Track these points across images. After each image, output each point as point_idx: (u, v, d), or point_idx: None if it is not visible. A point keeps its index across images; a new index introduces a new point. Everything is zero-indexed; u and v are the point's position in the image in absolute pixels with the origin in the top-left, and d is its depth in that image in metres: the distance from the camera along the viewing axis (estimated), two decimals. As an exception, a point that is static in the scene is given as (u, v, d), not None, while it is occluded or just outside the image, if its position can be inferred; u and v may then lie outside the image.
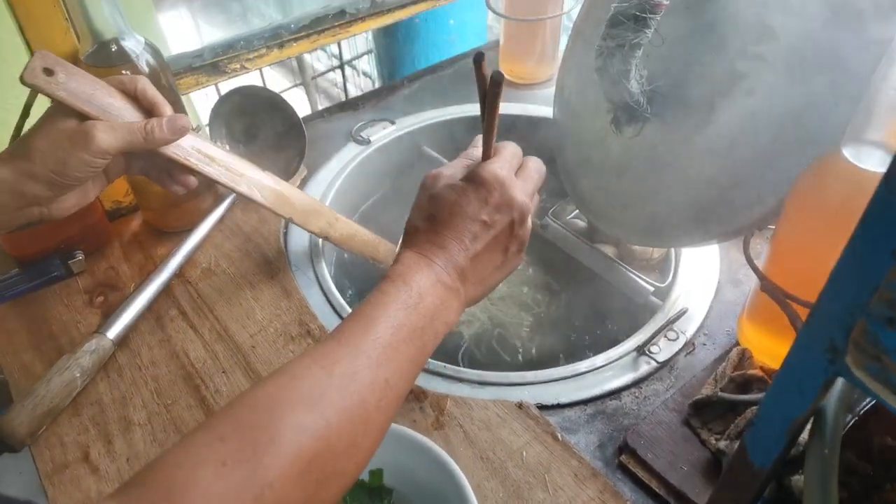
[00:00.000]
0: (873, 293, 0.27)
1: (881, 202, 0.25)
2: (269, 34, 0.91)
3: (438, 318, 0.49)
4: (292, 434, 0.39)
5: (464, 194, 0.52)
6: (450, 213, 0.52)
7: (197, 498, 0.35)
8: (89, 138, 0.53)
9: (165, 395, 0.66)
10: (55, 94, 0.54)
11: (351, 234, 0.79)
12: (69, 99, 0.54)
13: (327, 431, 0.40)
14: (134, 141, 0.56)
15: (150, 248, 0.82)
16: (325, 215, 0.77)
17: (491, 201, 0.52)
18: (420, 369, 0.49)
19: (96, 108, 0.55)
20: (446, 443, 0.61)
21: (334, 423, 0.41)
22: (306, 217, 0.75)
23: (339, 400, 0.42)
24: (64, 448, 0.63)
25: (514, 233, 0.54)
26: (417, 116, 1.02)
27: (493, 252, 0.53)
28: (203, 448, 0.37)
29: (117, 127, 0.55)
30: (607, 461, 0.60)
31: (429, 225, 0.53)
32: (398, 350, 0.46)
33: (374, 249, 0.80)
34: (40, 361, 0.70)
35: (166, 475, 0.36)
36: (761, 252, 0.77)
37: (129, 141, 0.55)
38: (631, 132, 0.69)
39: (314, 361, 0.43)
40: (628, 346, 0.69)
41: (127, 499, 0.36)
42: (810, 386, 0.33)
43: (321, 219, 0.76)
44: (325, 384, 0.42)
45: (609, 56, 0.66)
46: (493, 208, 0.52)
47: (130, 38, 0.68)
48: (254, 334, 0.71)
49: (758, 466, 0.40)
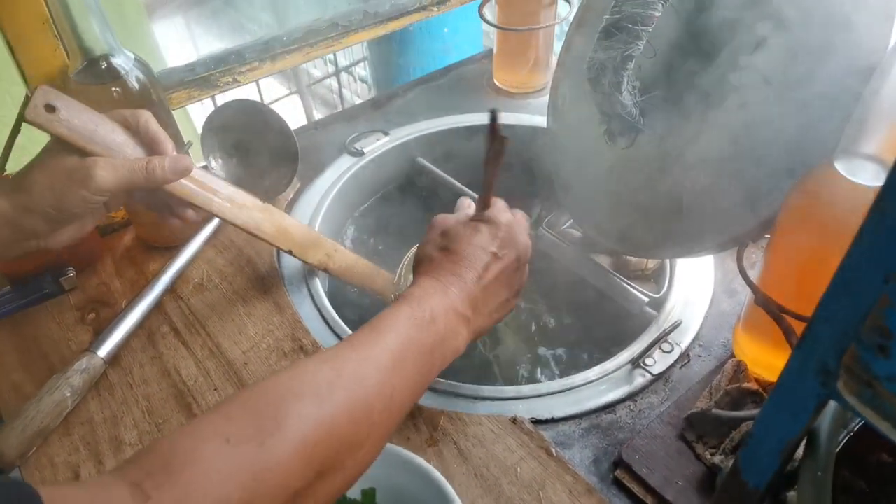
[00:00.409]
0: (865, 318, 0.27)
1: (872, 227, 0.25)
2: (261, 47, 0.91)
3: (447, 343, 0.52)
4: (298, 422, 0.40)
5: (476, 230, 0.57)
6: (464, 245, 0.56)
7: (196, 470, 0.36)
8: (89, 176, 0.53)
9: (157, 414, 0.66)
10: (57, 131, 0.54)
11: (350, 264, 0.78)
12: (70, 136, 0.54)
13: (331, 425, 0.41)
14: (134, 179, 0.56)
15: (142, 264, 0.82)
16: (324, 247, 0.77)
17: (500, 236, 0.57)
18: (424, 389, 0.51)
19: (98, 145, 0.55)
20: (440, 460, 0.60)
21: (339, 419, 0.42)
22: (305, 249, 0.75)
23: (345, 398, 0.43)
24: (54, 469, 0.62)
25: (518, 269, 0.59)
26: (411, 127, 1.01)
27: (500, 286, 0.57)
28: (209, 425, 0.39)
29: (118, 165, 0.55)
30: (602, 476, 0.59)
31: (444, 255, 0.56)
32: (406, 362, 0.48)
33: (372, 280, 0.79)
34: (31, 381, 0.69)
35: (170, 446, 0.38)
36: (756, 262, 0.77)
37: (129, 179, 0.56)
38: (624, 143, 0.69)
39: (325, 362, 0.45)
40: (623, 359, 0.68)
41: (128, 465, 0.37)
42: (803, 408, 0.32)
43: (320, 251, 0.76)
44: (333, 382, 0.43)
45: (601, 68, 0.65)
46: (502, 243, 0.57)
47: (120, 55, 0.68)
48: (246, 351, 0.71)
49: (752, 486, 0.40)
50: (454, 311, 0.52)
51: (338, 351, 0.46)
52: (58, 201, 0.54)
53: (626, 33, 0.61)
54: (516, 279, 0.59)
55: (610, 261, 0.84)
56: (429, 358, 0.50)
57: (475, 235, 0.57)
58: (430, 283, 0.54)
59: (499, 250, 0.56)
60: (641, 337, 0.71)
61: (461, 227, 0.58)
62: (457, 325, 0.53)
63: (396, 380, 0.46)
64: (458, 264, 0.55)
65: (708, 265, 0.78)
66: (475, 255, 0.55)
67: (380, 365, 0.46)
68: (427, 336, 0.50)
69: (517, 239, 0.58)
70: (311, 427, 0.40)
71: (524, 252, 0.59)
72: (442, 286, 0.53)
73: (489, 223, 0.58)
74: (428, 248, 0.58)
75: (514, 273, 0.58)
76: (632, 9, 0.61)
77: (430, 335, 0.50)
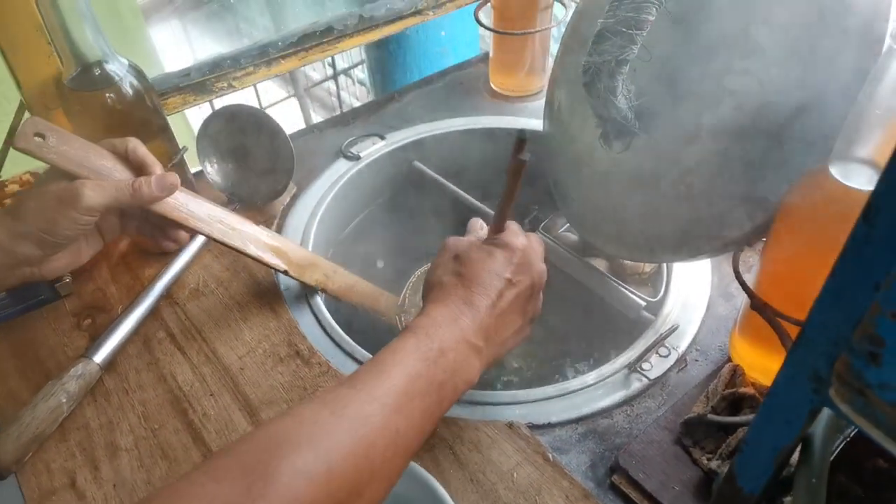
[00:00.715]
0: (856, 326, 0.27)
1: (862, 235, 0.25)
2: (256, 52, 0.91)
3: (459, 375, 0.49)
4: (290, 478, 0.37)
5: (490, 254, 0.55)
6: (478, 270, 0.54)
7: None
8: (77, 196, 0.55)
9: (153, 420, 0.66)
10: (46, 157, 0.55)
11: (350, 285, 0.78)
12: (60, 161, 0.55)
13: (328, 477, 0.39)
14: (121, 198, 0.57)
15: (138, 269, 0.81)
16: (321, 268, 0.76)
17: (515, 261, 0.55)
18: (434, 426, 0.48)
19: (87, 170, 0.56)
20: (436, 465, 0.60)
21: (337, 469, 0.39)
22: (302, 270, 0.74)
23: (345, 444, 0.40)
24: (50, 474, 0.62)
25: (532, 296, 0.57)
26: (408, 131, 1.01)
27: (514, 314, 0.55)
28: (196, 488, 0.36)
29: (105, 185, 0.56)
30: (599, 482, 0.59)
31: (456, 280, 0.54)
32: (413, 400, 0.45)
33: (375, 300, 0.78)
34: (26, 387, 0.69)
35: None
36: (752, 265, 0.77)
37: (116, 198, 0.57)
38: (620, 147, 0.69)
39: (324, 405, 0.42)
40: (620, 364, 0.68)
41: None
42: (796, 415, 0.32)
43: (318, 271, 0.76)
44: (332, 427, 0.41)
45: (596, 72, 0.65)
46: (517, 268, 0.55)
47: (114, 61, 0.68)
48: (242, 356, 0.71)
49: (747, 492, 0.40)
50: (465, 342, 0.50)
51: (339, 392, 0.44)
52: (48, 224, 0.55)
53: (620, 37, 0.61)
54: (531, 306, 0.57)
55: (606, 264, 0.84)
56: (437, 394, 0.47)
57: (489, 260, 0.54)
58: (441, 311, 0.51)
59: (513, 276, 0.54)
60: (638, 341, 0.71)
61: (474, 251, 0.56)
62: (468, 356, 0.50)
63: (401, 420, 0.44)
64: (471, 290, 0.53)
65: (704, 269, 0.78)
66: (489, 281, 0.53)
67: (384, 406, 0.43)
68: (436, 371, 0.47)
69: (533, 265, 0.56)
70: (304, 483, 0.38)
71: (539, 278, 0.57)
72: (453, 315, 0.51)
73: (504, 248, 0.55)
74: (439, 272, 0.56)
75: (528, 300, 0.56)
76: (626, 13, 0.61)
77: (440, 370, 0.48)
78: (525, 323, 0.57)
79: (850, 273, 0.26)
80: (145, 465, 0.62)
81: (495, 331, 0.53)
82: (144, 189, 0.58)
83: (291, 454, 0.38)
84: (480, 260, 0.55)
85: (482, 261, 0.54)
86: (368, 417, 0.42)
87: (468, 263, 0.55)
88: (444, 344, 0.49)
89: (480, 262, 0.54)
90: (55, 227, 0.55)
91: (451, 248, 0.57)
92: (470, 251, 0.56)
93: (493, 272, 0.54)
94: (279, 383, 0.68)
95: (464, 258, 0.55)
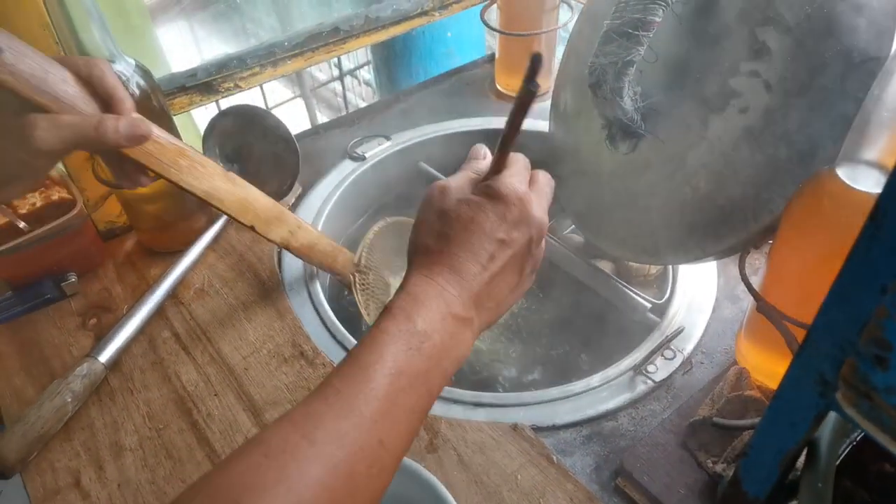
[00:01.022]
0: (863, 329, 0.26)
1: (868, 238, 0.25)
2: (262, 52, 0.91)
3: (447, 357, 0.44)
4: None
5: (480, 210, 0.47)
6: (465, 231, 0.47)
7: None
8: (27, 136, 0.46)
9: (157, 420, 0.66)
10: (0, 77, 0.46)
11: (311, 242, 0.74)
12: (16, 84, 0.46)
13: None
14: (81, 140, 0.48)
15: (144, 269, 0.82)
16: (287, 222, 0.72)
17: (509, 217, 0.47)
18: (423, 420, 0.44)
19: (46, 96, 0.47)
20: (440, 466, 0.60)
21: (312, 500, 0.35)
22: (268, 225, 0.70)
23: (320, 474, 0.36)
24: (55, 474, 0.62)
25: (530, 252, 0.49)
26: (414, 131, 1.01)
27: (509, 273, 0.48)
28: None
29: (62, 123, 0.47)
30: (603, 484, 0.59)
31: (441, 244, 0.47)
32: (396, 402, 0.40)
33: (333, 259, 0.75)
34: (32, 386, 0.69)
35: None
36: (759, 268, 0.76)
37: (73, 140, 0.48)
38: (625, 148, 0.69)
39: (294, 428, 0.37)
40: (625, 366, 0.68)
41: None
42: (802, 419, 0.32)
43: (283, 227, 0.71)
44: (304, 455, 0.36)
45: (602, 73, 0.65)
46: (511, 225, 0.47)
47: (121, 61, 0.68)
48: (246, 356, 0.71)
49: (752, 496, 0.39)
50: (452, 318, 0.44)
51: (310, 408, 0.39)
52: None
53: (627, 38, 0.61)
54: (529, 262, 0.50)
55: (612, 266, 0.83)
56: (424, 385, 0.42)
57: (479, 218, 0.47)
58: (422, 286, 0.45)
59: (507, 235, 0.47)
60: (643, 343, 0.71)
61: (463, 206, 0.47)
62: (457, 331, 0.45)
63: (384, 428, 0.39)
64: (457, 256, 0.46)
65: (710, 271, 0.78)
66: (478, 243, 0.46)
67: (363, 416, 0.38)
68: (420, 359, 0.42)
69: (531, 216, 0.48)
70: None
71: (539, 230, 0.49)
72: (437, 289, 0.45)
73: (498, 200, 0.47)
74: (422, 232, 0.48)
75: (525, 256, 0.49)
76: (633, 14, 0.60)
77: (424, 357, 0.42)
78: (523, 279, 0.50)
79: (857, 276, 0.26)
80: (150, 464, 0.62)
81: (487, 295, 0.47)
82: (110, 134, 0.49)
83: (257, 499, 0.34)
84: (469, 220, 0.47)
85: (471, 220, 0.47)
86: (346, 436, 0.37)
87: (455, 223, 0.47)
88: (427, 325, 0.43)
89: (469, 221, 0.47)
90: (4, 168, 0.47)
91: (436, 201, 0.49)
92: (458, 207, 0.47)
93: (482, 233, 0.47)
94: (283, 384, 0.68)
95: (451, 216, 0.47)
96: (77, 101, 0.49)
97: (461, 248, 0.46)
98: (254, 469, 0.35)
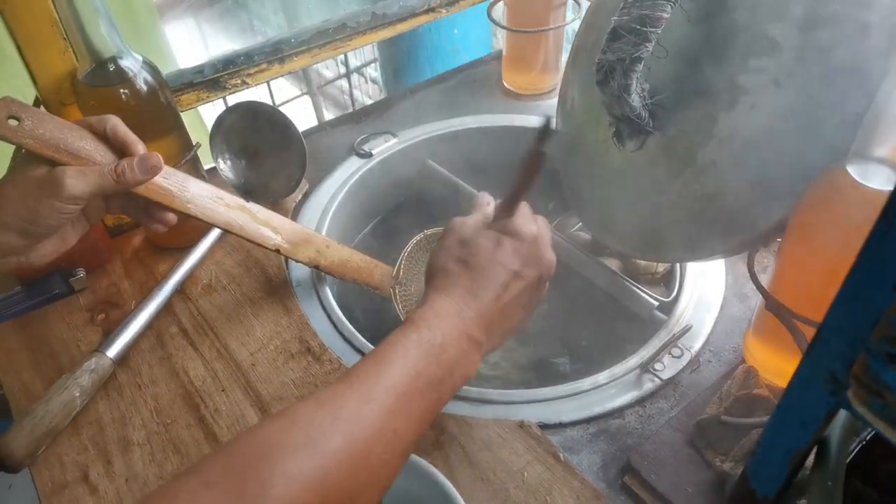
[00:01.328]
0: (874, 327, 0.26)
1: (880, 235, 0.24)
2: (270, 49, 0.91)
3: (458, 371, 0.48)
4: (285, 483, 0.36)
5: (498, 243, 0.52)
6: (486, 260, 0.51)
7: None
8: (59, 185, 0.51)
9: (165, 414, 0.66)
10: (22, 141, 0.52)
11: (344, 259, 0.76)
12: (37, 146, 0.52)
13: (324, 482, 0.38)
14: (105, 184, 0.54)
15: (152, 265, 0.82)
16: (314, 243, 0.74)
17: (524, 253, 0.52)
18: (430, 423, 0.47)
19: (66, 153, 0.53)
20: (446, 463, 0.60)
21: (333, 472, 0.39)
22: (295, 247, 0.72)
23: (341, 445, 0.39)
24: (63, 468, 0.62)
25: (539, 288, 0.54)
26: (421, 129, 1.01)
27: (518, 306, 0.53)
28: (185, 494, 0.36)
29: (87, 172, 0.53)
30: (610, 482, 0.59)
31: (462, 269, 0.51)
32: (412, 400, 0.44)
33: (369, 275, 0.77)
34: (41, 380, 0.70)
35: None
36: (768, 266, 0.76)
37: (99, 185, 0.54)
38: (633, 146, 0.69)
39: (320, 405, 0.41)
40: (632, 364, 0.68)
41: None
42: (812, 417, 0.32)
43: (310, 247, 0.73)
44: (329, 428, 0.40)
45: (610, 70, 0.65)
46: (524, 260, 0.52)
47: (128, 57, 0.68)
48: (254, 352, 0.71)
49: (761, 495, 0.39)
50: (467, 337, 0.48)
51: (336, 390, 0.43)
52: (30, 214, 0.52)
53: (634, 35, 0.61)
54: (535, 299, 0.55)
55: (619, 264, 0.83)
56: (437, 391, 0.46)
57: (497, 250, 0.52)
58: (443, 302, 0.49)
59: (521, 269, 0.52)
60: (651, 341, 0.70)
61: (482, 238, 0.53)
62: (469, 351, 0.49)
63: (400, 421, 0.43)
64: (476, 282, 0.50)
65: (718, 269, 0.77)
66: (495, 272, 0.51)
67: (382, 406, 0.42)
68: (437, 368, 0.46)
69: (542, 256, 0.54)
70: (299, 487, 0.37)
71: (547, 270, 0.54)
72: (456, 307, 0.49)
73: (513, 236, 0.53)
74: (443, 257, 0.53)
75: (532, 293, 0.54)
76: (640, 10, 0.60)
77: (440, 365, 0.46)
78: (526, 314, 0.55)
79: (869, 273, 0.26)
80: (157, 459, 0.62)
81: (498, 324, 0.51)
82: (128, 173, 0.55)
83: (286, 459, 0.37)
84: (488, 248, 0.52)
85: (490, 249, 0.52)
86: (366, 419, 0.41)
87: (475, 251, 0.52)
88: (445, 339, 0.47)
89: (488, 250, 0.52)
90: (37, 217, 0.52)
91: (456, 231, 0.55)
92: (477, 238, 0.53)
93: (500, 263, 0.51)
94: (290, 380, 0.68)
95: (471, 244, 0.53)
96: (94, 155, 0.55)
97: (480, 274, 0.51)
98: (285, 431, 0.39)
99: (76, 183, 0.52)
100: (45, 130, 0.53)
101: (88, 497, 0.60)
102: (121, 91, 0.68)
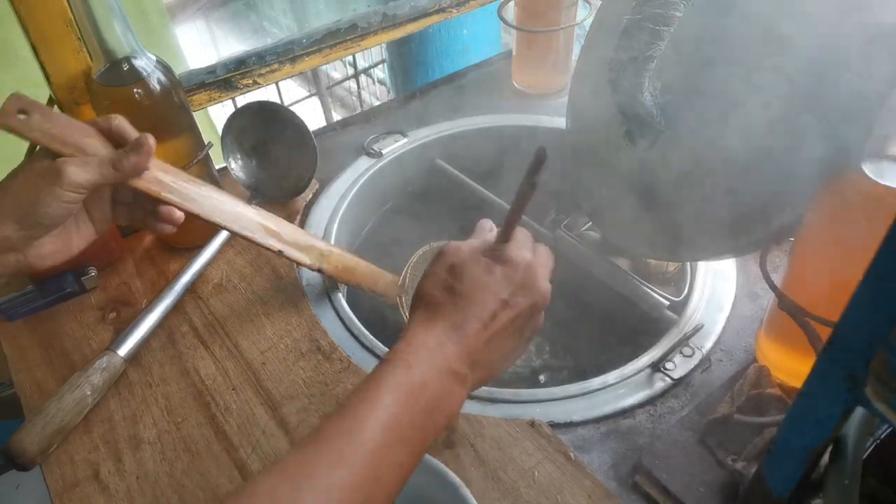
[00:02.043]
0: (894, 324, 0.26)
1: (900, 231, 0.24)
2: (281, 49, 0.91)
3: (439, 410, 0.45)
4: None
5: (488, 270, 0.50)
6: (472, 287, 0.49)
7: None
8: (60, 172, 0.52)
9: (175, 413, 0.66)
10: (29, 135, 0.54)
11: (347, 266, 0.76)
12: (44, 139, 0.54)
13: None
14: (104, 173, 0.54)
15: (163, 264, 0.82)
16: (316, 248, 0.74)
17: (515, 280, 0.49)
18: (413, 468, 0.44)
19: (72, 147, 0.55)
20: (457, 461, 0.60)
21: None
22: (297, 250, 0.72)
23: None
24: (74, 466, 0.63)
25: (532, 317, 0.51)
26: (430, 128, 1.01)
27: (506, 337, 0.50)
28: None
29: (88, 161, 0.54)
30: (621, 481, 0.59)
31: (447, 297, 0.49)
32: (388, 454, 0.41)
33: (374, 283, 0.77)
34: (52, 378, 0.70)
35: None
36: (780, 265, 0.76)
37: (100, 173, 0.54)
38: (644, 145, 0.68)
39: (283, 479, 0.38)
40: (643, 363, 0.67)
41: None
42: (829, 415, 0.32)
43: (312, 252, 0.73)
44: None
45: (622, 68, 0.65)
46: (516, 288, 0.49)
47: (142, 57, 0.68)
48: (264, 351, 0.71)
49: (776, 494, 0.39)
50: (448, 372, 0.46)
51: (302, 455, 0.40)
52: (30, 201, 0.52)
53: (647, 33, 0.61)
54: (528, 327, 0.52)
55: (629, 263, 0.83)
56: (418, 437, 0.43)
57: (486, 278, 0.49)
58: (423, 335, 0.47)
59: (511, 297, 0.49)
60: (661, 341, 0.70)
61: (473, 264, 0.50)
62: (452, 387, 0.46)
63: (375, 478, 0.40)
64: (462, 312, 0.48)
65: (730, 268, 0.77)
66: (483, 301, 0.48)
67: (353, 467, 0.39)
68: (415, 413, 0.43)
69: (535, 284, 0.51)
70: None
71: (542, 298, 0.51)
72: (437, 340, 0.46)
73: (505, 263, 0.50)
74: (430, 282, 0.51)
75: (526, 321, 0.51)
76: (653, 9, 0.60)
77: (419, 410, 0.43)
78: (519, 344, 0.52)
79: (888, 271, 0.25)
80: (168, 458, 0.63)
81: (485, 355, 0.49)
82: (125, 161, 0.55)
83: None
84: (476, 276, 0.49)
85: (478, 276, 0.49)
86: (334, 487, 0.38)
87: (463, 278, 0.49)
88: (425, 376, 0.44)
89: (476, 278, 0.49)
90: (38, 205, 0.52)
91: (448, 256, 0.52)
92: (468, 265, 0.50)
93: (488, 291, 0.49)
94: (301, 378, 0.68)
95: (459, 271, 0.50)
96: (98, 150, 0.56)
97: (466, 302, 0.48)
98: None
99: (76, 170, 0.53)
100: (53, 125, 0.54)
101: (99, 495, 0.60)
102: (135, 91, 0.68)
